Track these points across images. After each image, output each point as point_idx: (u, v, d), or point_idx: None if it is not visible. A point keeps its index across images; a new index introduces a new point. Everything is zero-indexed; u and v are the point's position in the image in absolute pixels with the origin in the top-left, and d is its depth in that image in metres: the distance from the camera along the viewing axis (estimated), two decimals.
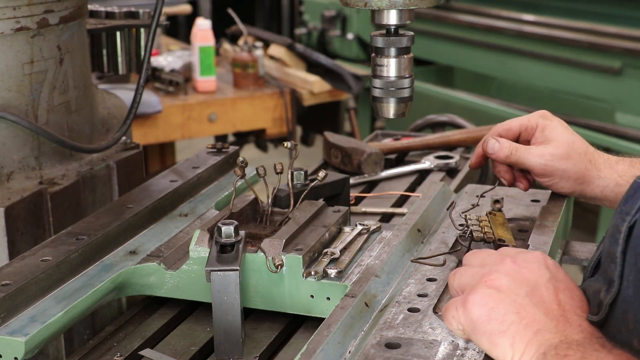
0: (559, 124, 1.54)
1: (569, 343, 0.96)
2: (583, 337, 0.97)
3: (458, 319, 1.04)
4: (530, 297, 1.01)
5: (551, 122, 1.53)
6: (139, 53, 2.08)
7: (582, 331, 0.98)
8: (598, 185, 1.49)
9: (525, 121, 1.55)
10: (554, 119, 1.54)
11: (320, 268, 1.29)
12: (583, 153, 1.50)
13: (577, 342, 0.96)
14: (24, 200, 1.58)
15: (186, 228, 1.52)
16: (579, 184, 1.50)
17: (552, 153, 1.49)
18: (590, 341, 0.96)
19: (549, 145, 1.50)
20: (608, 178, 1.48)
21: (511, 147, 1.52)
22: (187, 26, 6.84)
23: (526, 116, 1.57)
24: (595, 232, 4.60)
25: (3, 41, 1.59)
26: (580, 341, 0.96)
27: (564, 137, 1.51)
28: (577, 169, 1.49)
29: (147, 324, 1.35)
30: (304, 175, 1.51)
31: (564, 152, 1.49)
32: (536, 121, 1.54)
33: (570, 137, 1.51)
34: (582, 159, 1.50)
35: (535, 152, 1.51)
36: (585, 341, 0.96)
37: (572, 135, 1.52)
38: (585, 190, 1.51)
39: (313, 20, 6.14)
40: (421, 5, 1.41)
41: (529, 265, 1.05)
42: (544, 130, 1.53)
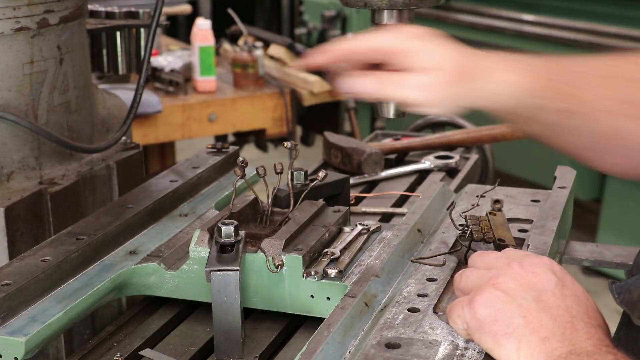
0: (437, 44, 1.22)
1: (578, 354, 0.95)
2: (592, 345, 0.96)
3: (463, 317, 1.04)
4: (537, 302, 1.01)
5: (426, 44, 1.22)
6: (139, 53, 2.08)
7: (590, 338, 0.97)
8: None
9: (388, 44, 1.22)
10: (430, 39, 1.23)
11: (320, 268, 1.29)
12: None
13: (587, 353, 0.95)
14: (24, 200, 1.58)
15: (186, 228, 1.52)
16: None
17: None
18: (600, 350, 0.95)
19: (431, 73, 1.20)
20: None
21: (379, 83, 1.21)
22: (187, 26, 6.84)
23: (391, 36, 1.24)
24: (595, 232, 4.60)
25: (3, 41, 1.59)
26: (590, 351, 0.95)
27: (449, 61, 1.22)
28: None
29: (147, 324, 1.35)
30: (304, 175, 1.51)
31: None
32: (408, 46, 1.21)
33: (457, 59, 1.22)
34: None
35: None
36: (595, 350, 0.95)
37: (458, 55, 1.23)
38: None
39: (313, 20, 6.14)
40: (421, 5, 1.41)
41: (536, 271, 1.04)
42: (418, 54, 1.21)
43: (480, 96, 1.20)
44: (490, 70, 1.20)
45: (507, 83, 1.19)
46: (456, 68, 1.19)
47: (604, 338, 0.98)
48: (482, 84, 1.20)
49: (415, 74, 1.19)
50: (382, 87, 1.21)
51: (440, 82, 1.19)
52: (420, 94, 1.19)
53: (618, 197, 4.45)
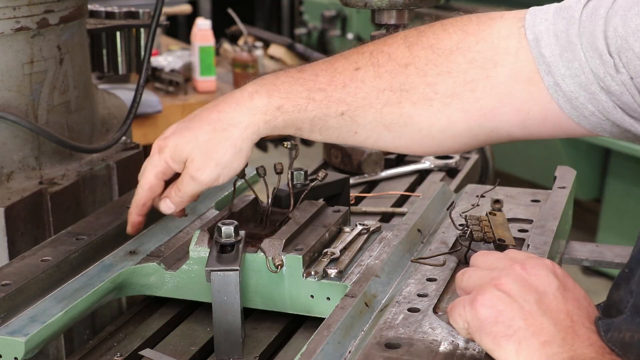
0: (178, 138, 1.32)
1: None
2: (594, 352, 0.95)
3: (465, 317, 1.04)
4: (538, 306, 1.00)
5: (170, 146, 1.33)
6: (139, 53, 2.08)
7: (591, 344, 0.96)
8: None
9: (155, 169, 1.34)
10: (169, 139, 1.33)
11: (320, 268, 1.29)
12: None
13: (590, 359, 0.94)
14: (24, 200, 1.58)
15: (186, 228, 1.52)
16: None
17: (197, 168, 1.31)
18: (602, 358, 0.95)
19: (189, 165, 1.31)
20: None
21: (174, 194, 1.35)
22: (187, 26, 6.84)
23: (151, 164, 1.35)
24: (595, 232, 4.60)
25: (3, 41, 1.59)
26: (592, 358, 0.94)
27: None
28: None
29: (147, 324, 1.35)
30: (304, 175, 1.51)
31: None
32: (165, 161, 1.33)
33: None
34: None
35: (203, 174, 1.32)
36: (597, 357, 0.94)
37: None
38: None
39: (313, 20, 6.14)
40: (421, 5, 1.42)
41: (538, 273, 1.04)
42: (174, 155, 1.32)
43: (244, 138, 1.29)
44: (237, 110, 1.29)
45: (258, 109, 1.29)
46: (202, 140, 1.29)
47: (605, 345, 0.97)
48: (235, 131, 1.29)
49: (183, 172, 1.32)
50: (176, 199, 1.35)
51: (199, 162, 1.30)
52: (197, 182, 1.32)
53: (618, 197, 4.45)
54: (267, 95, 1.29)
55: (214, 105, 1.33)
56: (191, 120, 1.34)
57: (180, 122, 1.35)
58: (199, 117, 1.33)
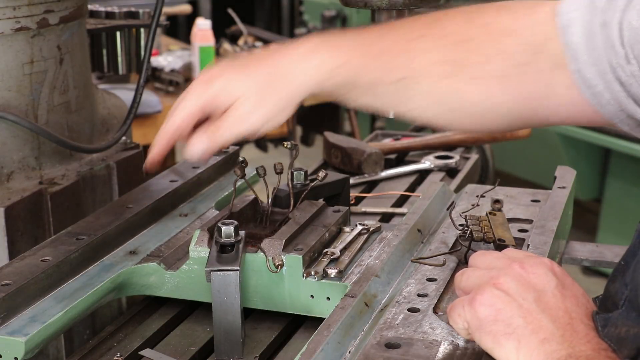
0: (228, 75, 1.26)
1: (577, 357, 0.94)
2: (591, 349, 0.96)
3: (464, 316, 1.04)
4: (537, 304, 1.01)
5: (223, 80, 1.26)
6: (139, 53, 2.08)
7: (589, 342, 0.97)
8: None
9: (196, 102, 1.26)
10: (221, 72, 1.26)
11: (320, 268, 1.29)
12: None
13: (586, 357, 0.94)
14: (24, 200, 1.58)
15: (186, 228, 1.52)
16: None
17: (249, 110, 1.25)
18: (599, 355, 0.95)
19: (239, 105, 1.24)
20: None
21: (208, 137, 1.26)
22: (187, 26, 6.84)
23: (195, 94, 1.27)
24: (595, 232, 4.60)
25: (3, 41, 1.59)
26: (589, 355, 0.95)
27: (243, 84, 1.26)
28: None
29: (147, 324, 1.35)
30: (304, 175, 1.51)
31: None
32: (212, 96, 1.25)
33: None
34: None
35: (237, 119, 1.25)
36: (594, 354, 0.95)
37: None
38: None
39: (313, 20, 6.14)
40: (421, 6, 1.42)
41: (536, 271, 1.04)
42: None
43: (298, 92, 1.24)
44: (296, 64, 1.24)
45: (316, 68, 1.23)
46: (258, 85, 1.24)
47: (603, 342, 0.98)
48: (291, 83, 1.24)
49: (230, 111, 1.24)
50: (213, 138, 1.26)
51: (251, 105, 1.24)
52: (243, 125, 1.25)
53: (618, 197, 4.45)
54: (329, 52, 1.24)
55: (271, 52, 1.27)
56: (248, 61, 1.28)
57: (230, 62, 1.29)
58: (255, 62, 1.27)
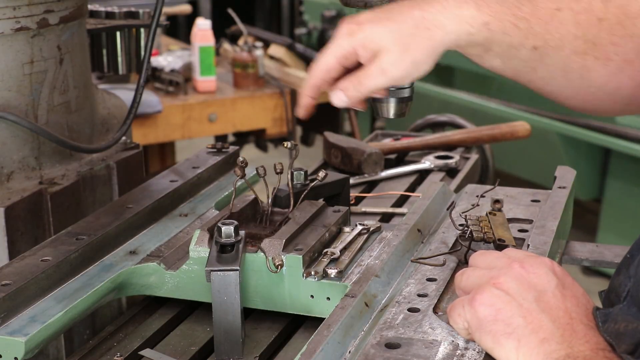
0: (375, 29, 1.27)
1: (575, 357, 0.95)
2: (590, 349, 0.96)
3: (464, 316, 1.04)
4: (537, 303, 1.01)
5: (367, 30, 1.27)
6: (139, 53, 2.08)
7: (588, 342, 0.97)
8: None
9: (340, 51, 1.28)
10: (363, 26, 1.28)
11: (320, 268, 1.29)
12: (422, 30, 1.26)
13: (584, 357, 0.95)
14: (24, 200, 1.58)
15: (186, 228, 1.52)
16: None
17: (392, 62, 1.25)
18: (597, 355, 0.95)
19: (383, 57, 1.25)
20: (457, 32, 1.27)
21: (353, 86, 1.28)
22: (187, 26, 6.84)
23: (337, 45, 1.29)
24: (595, 232, 4.60)
25: (3, 41, 1.59)
26: (588, 355, 0.95)
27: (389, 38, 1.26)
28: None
29: (147, 324, 1.35)
30: (304, 175, 1.51)
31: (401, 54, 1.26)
32: (355, 46, 1.27)
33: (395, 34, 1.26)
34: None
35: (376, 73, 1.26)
36: (592, 355, 0.95)
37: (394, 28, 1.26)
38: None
39: (313, 20, 6.14)
40: None
41: (536, 271, 1.04)
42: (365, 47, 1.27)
43: (444, 42, 1.24)
44: (443, 15, 1.24)
45: (463, 21, 1.24)
46: (402, 35, 1.24)
47: (601, 342, 0.98)
48: (438, 33, 1.24)
49: (374, 62, 1.25)
50: (357, 88, 1.27)
51: (395, 56, 1.24)
52: (387, 76, 1.25)
53: (618, 197, 4.45)
54: (476, 7, 1.24)
55: (414, 3, 1.27)
56: (389, 11, 1.28)
57: (375, 12, 1.29)
58: (399, 11, 1.27)
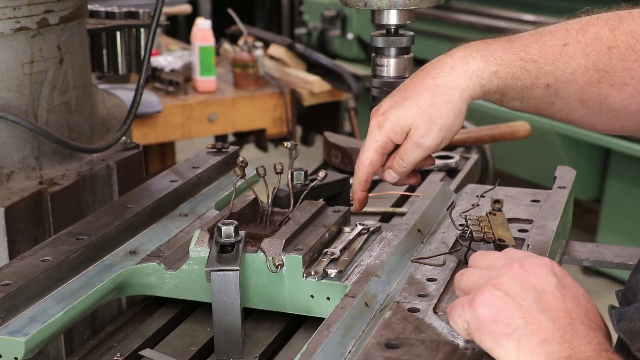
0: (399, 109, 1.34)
1: (578, 359, 0.94)
2: (592, 350, 0.96)
3: (464, 317, 1.04)
4: (537, 304, 1.00)
5: (393, 115, 1.35)
6: (139, 53, 2.08)
7: (589, 342, 0.97)
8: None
9: (376, 144, 1.38)
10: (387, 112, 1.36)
11: (320, 268, 1.29)
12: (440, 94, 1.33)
13: (587, 358, 0.94)
14: (24, 200, 1.58)
15: (186, 228, 1.52)
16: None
17: (422, 135, 1.34)
18: (599, 356, 0.95)
19: (413, 134, 1.34)
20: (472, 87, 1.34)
21: (398, 164, 1.39)
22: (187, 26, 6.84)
23: (372, 140, 1.38)
24: (595, 232, 4.60)
25: (3, 41, 1.59)
26: (590, 356, 0.95)
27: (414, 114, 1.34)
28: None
29: (147, 324, 1.35)
30: (304, 175, 1.51)
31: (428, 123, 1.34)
32: (387, 135, 1.36)
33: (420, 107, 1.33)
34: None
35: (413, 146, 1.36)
36: (594, 355, 0.95)
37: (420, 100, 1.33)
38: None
39: (313, 20, 6.14)
40: (421, 5, 1.42)
41: (536, 271, 1.04)
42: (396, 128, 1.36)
43: (462, 99, 1.33)
44: (452, 76, 1.33)
45: (472, 74, 1.32)
46: (426, 110, 1.32)
47: (604, 342, 0.98)
48: (454, 94, 1.32)
49: (406, 141, 1.36)
50: (402, 164, 1.39)
51: (423, 130, 1.33)
52: (422, 148, 1.36)
53: (618, 197, 4.45)
54: (482, 60, 1.33)
55: (424, 73, 1.35)
56: (405, 90, 1.36)
57: (393, 96, 1.38)
58: (412, 87, 1.35)
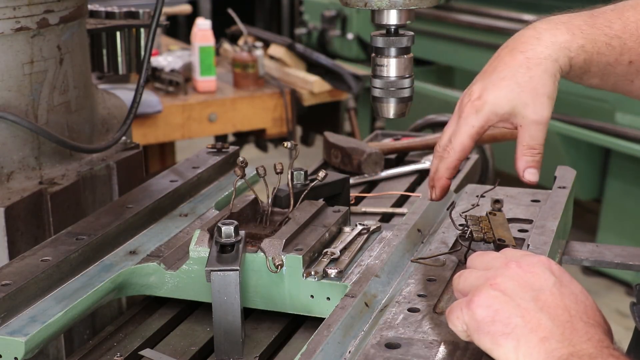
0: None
1: (580, 356, 0.94)
2: (593, 346, 0.96)
3: (462, 319, 1.04)
4: (535, 302, 1.01)
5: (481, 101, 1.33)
6: (139, 53, 2.08)
7: (589, 339, 0.97)
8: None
9: (472, 130, 1.35)
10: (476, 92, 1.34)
11: (320, 268, 1.29)
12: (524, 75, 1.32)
13: (589, 355, 0.94)
14: (24, 200, 1.58)
15: (186, 228, 1.52)
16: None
17: (535, 110, 1.32)
18: (601, 352, 0.95)
19: (525, 110, 1.32)
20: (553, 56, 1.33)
21: (532, 154, 1.34)
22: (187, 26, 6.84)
23: (468, 125, 1.36)
24: (595, 232, 4.60)
25: (3, 41, 1.59)
26: (592, 353, 0.95)
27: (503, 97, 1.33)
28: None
29: (147, 324, 1.35)
30: (304, 175, 1.51)
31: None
32: (487, 118, 1.34)
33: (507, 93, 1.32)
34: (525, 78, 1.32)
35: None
36: (596, 352, 0.95)
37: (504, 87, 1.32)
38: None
39: (313, 20, 6.14)
40: (421, 5, 1.41)
41: (534, 270, 1.04)
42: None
43: (556, 68, 1.31)
44: (541, 48, 1.30)
45: (560, 46, 1.30)
46: (528, 85, 1.30)
47: (604, 338, 0.98)
48: (548, 63, 1.30)
49: (522, 122, 1.33)
50: (536, 150, 1.33)
51: (537, 103, 1.31)
52: (546, 120, 1.33)
53: (618, 197, 4.45)
54: (569, 33, 1.31)
55: (510, 49, 1.33)
56: (496, 70, 1.33)
57: (483, 79, 1.34)
58: (504, 65, 1.33)
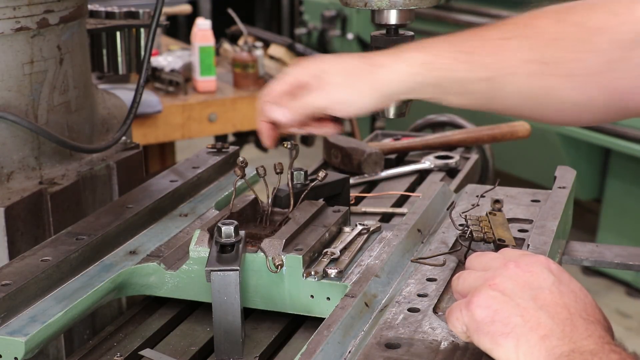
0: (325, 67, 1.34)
1: (581, 353, 0.94)
2: (594, 343, 0.96)
3: (462, 320, 1.04)
4: (534, 301, 1.01)
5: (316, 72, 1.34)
6: (139, 53, 2.08)
7: (590, 336, 0.97)
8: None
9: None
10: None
11: (320, 268, 1.29)
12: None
13: (590, 352, 0.94)
14: (24, 200, 1.58)
15: (186, 228, 1.52)
16: None
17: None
18: (602, 349, 0.95)
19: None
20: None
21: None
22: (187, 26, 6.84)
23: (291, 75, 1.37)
24: (595, 232, 4.60)
25: (3, 41, 1.59)
26: (593, 350, 0.94)
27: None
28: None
29: (147, 324, 1.35)
30: (304, 175, 1.51)
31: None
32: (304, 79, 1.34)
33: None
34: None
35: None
36: (598, 349, 0.95)
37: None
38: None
39: (313, 20, 6.14)
40: (421, 5, 1.42)
41: (532, 269, 1.05)
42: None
43: (387, 80, 1.30)
44: (387, 58, 1.31)
45: (406, 62, 1.29)
46: (348, 68, 1.31)
47: (605, 335, 0.98)
48: (381, 71, 1.29)
49: (319, 85, 1.33)
50: (294, 108, 1.37)
51: (338, 83, 1.31)
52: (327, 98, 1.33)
53: (618, 197, 4.45)
54: (417, 51, 1.31)
55: (365, 54, 1.35)
56: (340, 55, 1.35)
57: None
58: (349, 55, 1.34)
